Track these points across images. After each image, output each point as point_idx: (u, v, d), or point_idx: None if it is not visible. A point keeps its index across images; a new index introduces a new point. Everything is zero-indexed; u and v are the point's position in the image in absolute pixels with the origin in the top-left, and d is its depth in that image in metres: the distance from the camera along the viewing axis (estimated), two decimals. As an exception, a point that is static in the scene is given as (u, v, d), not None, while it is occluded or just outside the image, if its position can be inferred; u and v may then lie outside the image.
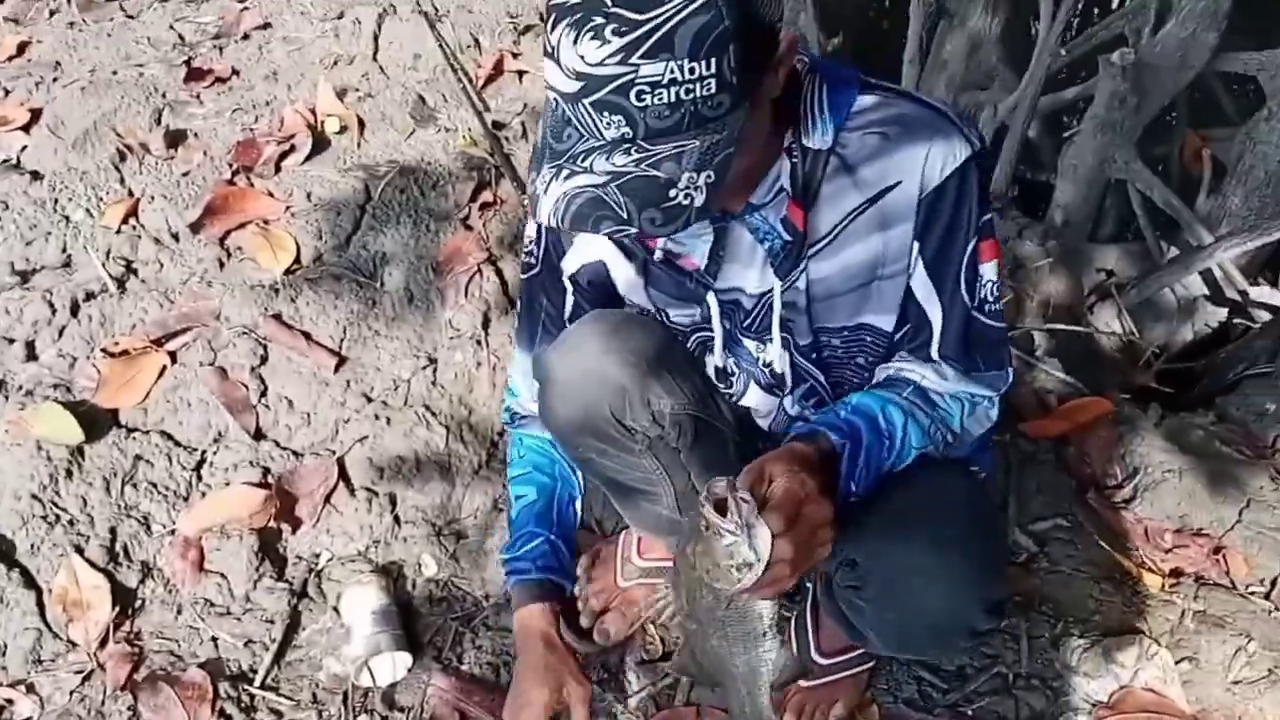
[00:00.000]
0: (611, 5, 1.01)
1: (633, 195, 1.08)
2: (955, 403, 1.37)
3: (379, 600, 1.89)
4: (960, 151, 1.24)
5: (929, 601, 1.31)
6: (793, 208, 1.29)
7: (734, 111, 1.08)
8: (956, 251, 1.30)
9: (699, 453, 1.56)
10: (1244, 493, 2.08)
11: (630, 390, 1.42)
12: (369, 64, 2.91)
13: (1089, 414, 2.23)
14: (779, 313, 1.38)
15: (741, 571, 1.07)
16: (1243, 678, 1.79)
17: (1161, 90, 2.68)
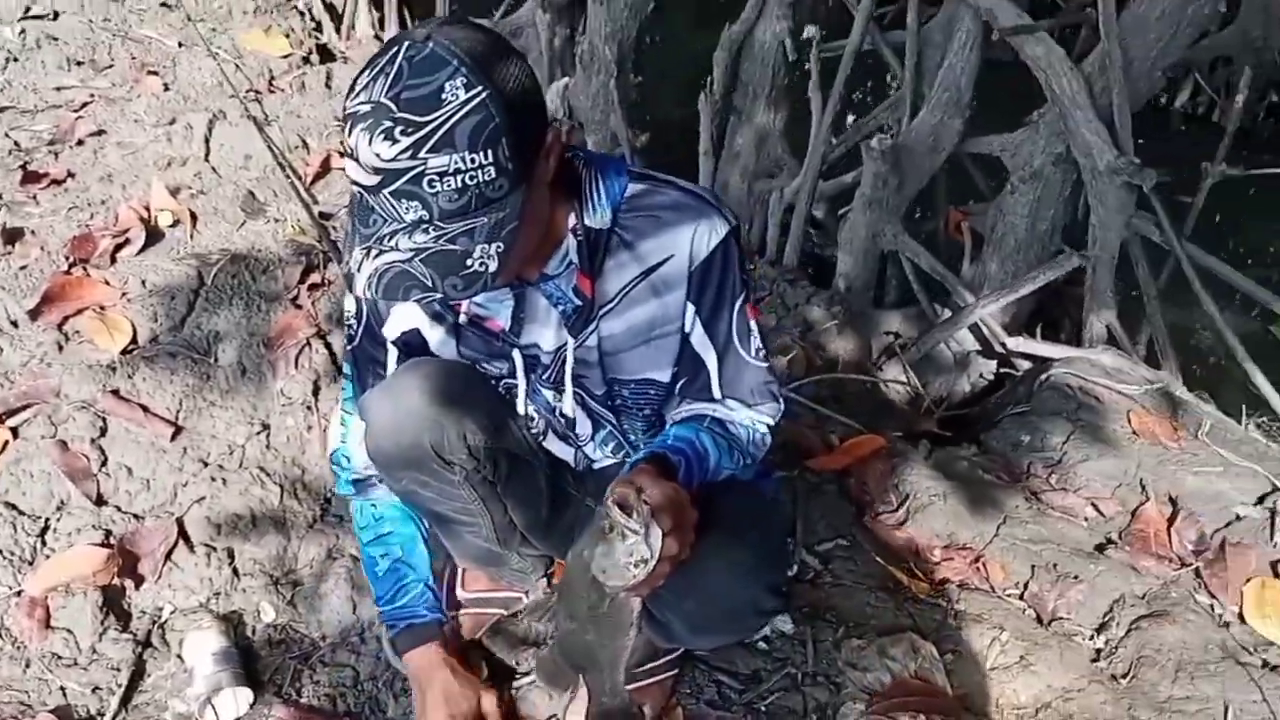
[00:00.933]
0: (398, 111, 1.19)
1: (434, 267, 1.25)
2: (743, 430, 1.58)
3: (219, 643, 1.96)
4: (720, 229, 1.48)
5: (720, 585, 1.51)
6: (581, 278, 1.50)
7: (514, 192, 1.28)
8: (726, 311, 1.52)
9: (514, 486, 1.73)
10: (1001, 511, 2.33)
11: (447, 426, 1.57)
12: (201, 164, 3.04)
13: (866, 449, 2.47)
14: (570, 366, 1.58)
15: (638, 568, 1.22)
16: (998, 664, 2.00)
17: (919, 171, 3.03)
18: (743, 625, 1.68)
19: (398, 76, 1.20)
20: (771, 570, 1.58)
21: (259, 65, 3.78)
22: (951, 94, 2.94)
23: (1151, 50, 2.57)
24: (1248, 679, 1.94)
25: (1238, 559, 2.18)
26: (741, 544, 1.51)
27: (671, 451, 1.44)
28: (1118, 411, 2.56)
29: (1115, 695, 1.94)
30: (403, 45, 1.23)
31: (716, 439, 1.53)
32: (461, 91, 1.20)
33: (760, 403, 1.59)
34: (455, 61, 1.20)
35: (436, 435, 1.57)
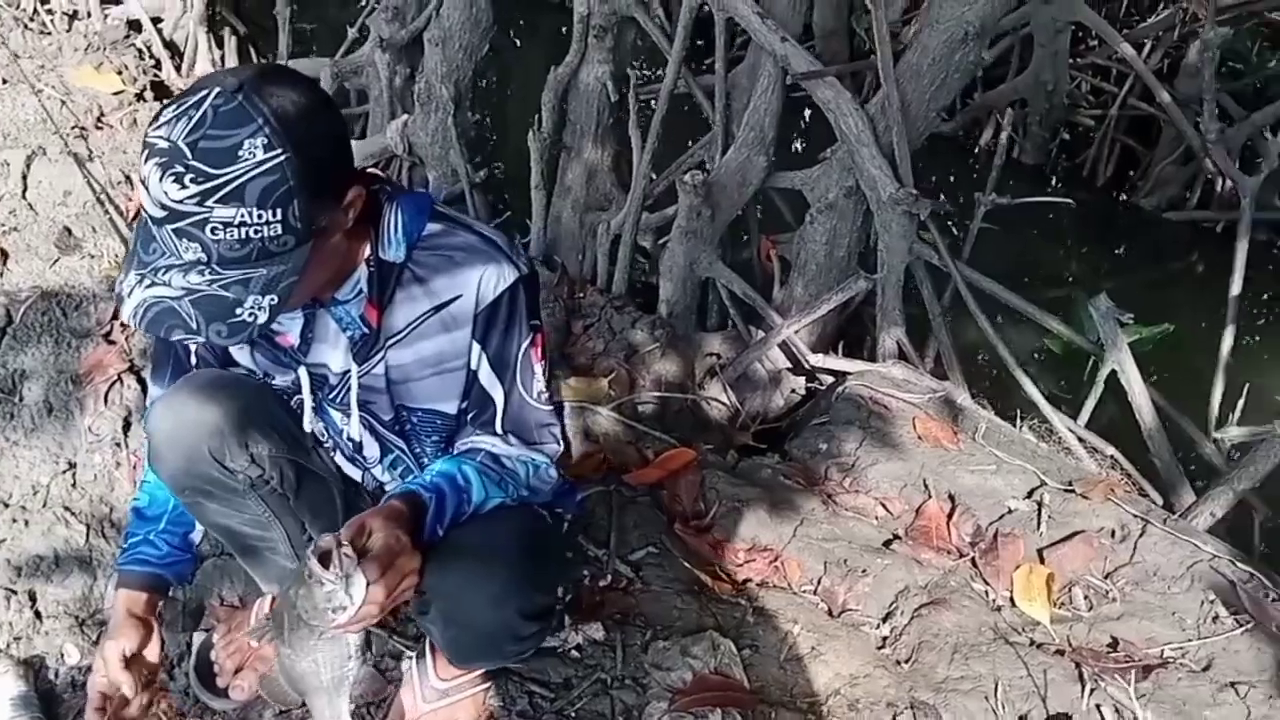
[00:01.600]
0: (191, 158, 1.20)
1: (202, 310, 1.27)
2: (521, 465, 1.64)
3: (18, 688, 1.92)
4: (509, 275, 1.53)
5: (475, 615, 1.56)
6: (369, 307, 1.53)
7: (298, 249, 1.30)
8: (512, 353, 1.58)
9: (306, 500, 1.75)
10: (799, 514, 2.46)
11: (228, 433, 1.58)
12: (17, 201, 2.97)
13: (678, 462, 2.57)
14: (355, 392, 1.62)
15: (336, 613, 1.26)
16: (792, 656, 2.11)
17: (730, 203, 3.17)
18: (503, 651, 1.71)
19: (200, 123, 1.21)
20: (532, 597, 1.61)
21: (87, 103, 3.71)
22: (756, 133, 3.09)
23: (925, 94, 2.77)
24: (1016, 657, 2.10)
25: (1008, 548, 2.35)
26: (499, 573, 1.54)
27: (425, 489, 1.48)
28: (905, 419, 2.72)
29: (898, 679, 2.07)
30: (213, 91, 1.23)
31: (485, 472, 1.58)
32: (260, 151, 1.21)
33: (541, 442, 1.66)
34: (260, 120, 1.21)
35: (216, 442, 1.58)
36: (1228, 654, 2.12)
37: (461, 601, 1.54)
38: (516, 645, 1.66)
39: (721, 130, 3.24)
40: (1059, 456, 2.76)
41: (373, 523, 1.33)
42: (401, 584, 1.33)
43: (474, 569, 1.52)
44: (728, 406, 3.19)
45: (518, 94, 6.00)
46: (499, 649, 1.67)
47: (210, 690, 1.93)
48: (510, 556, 1.57)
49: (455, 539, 1.53)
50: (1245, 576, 2.28)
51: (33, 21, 4.49)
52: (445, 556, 1.53)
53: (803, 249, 3.16)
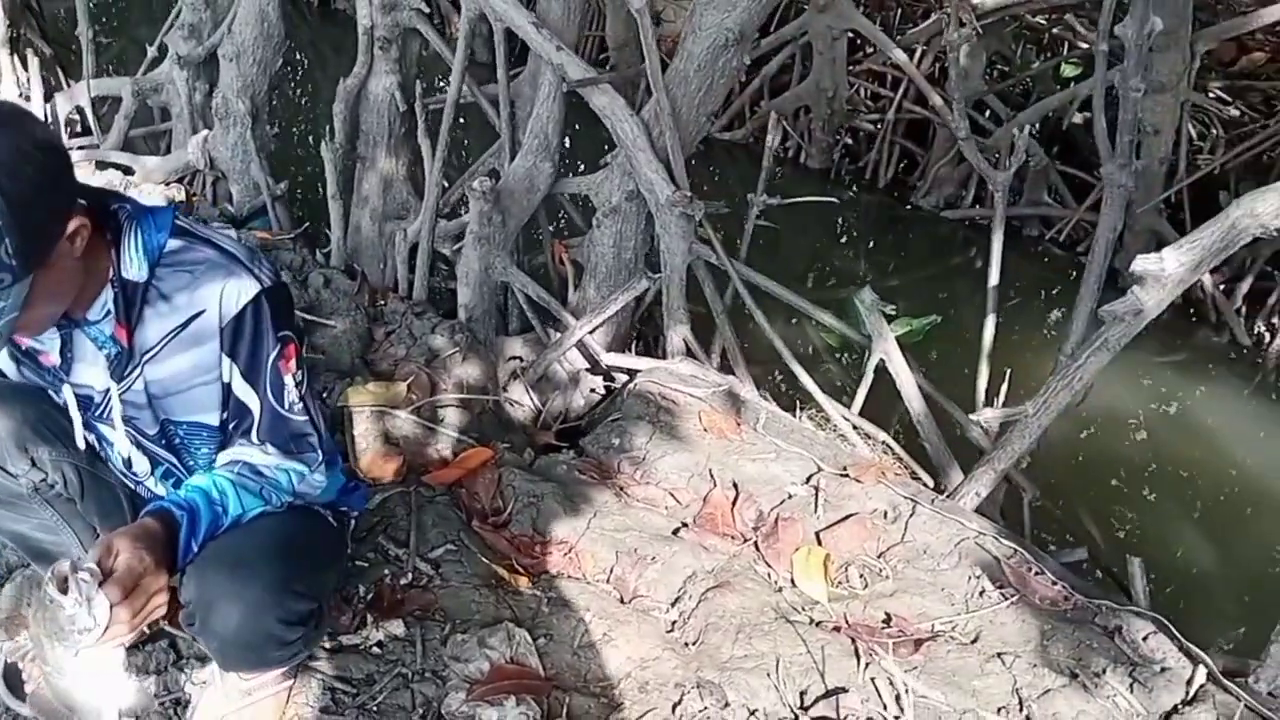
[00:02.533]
0: None
1: None
2: (283, 474, 1.67)
3: None
4: (250, 288, 1.56)
5: (233, 625, 1.58)
6: (118, 327, 1.55)
7: (17, 284, 1.32)
8: (261, 364, 1.60)
9: (94, 503, 1.76)
10: (593, 507, 2.55)
11: (4, 439, 1.60)
12: None
13: (475, 460, 2.64)
14: (118, 408, 1.63)
15: (82, 635, 1.29)
16: (584, 643, 2.19)
17: (520, 209, 3.25)
18: (267, 657, 1.73)
19: None
20: (290, 603, 1.64)
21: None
22: (541, 140, 3.18)
23: (694, 99, 2.92)
24: (796, 635, 2.23)
25: (788, 532, 2.50)
26: (253, 583, 1.57)
27: (179, 506, 1.51)
28: (691, 412, 2.86)
29: (685, 660, 2.18)
30: None
31: (244, 483, 1.61)
32: None
33: (300, 451, 1.69)
34: None
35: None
36: (994, 626, 2.28)
37: (219, 612, 1.56)
38: (281, 651, 1.70)
39: (508, 138, 3.32)
40: (835, 443, 2.95)
41: (119, 543, 1.37)
42: (149, 604, 1.37)
43: (229, 579, 1.55)
44: (530, 407, 3.27)
45: (315, 107, 5.94)
46: (263, 656, 1.71)
47: (18, 697, 1.90)
48: (266, 564, 1.60)
49: (214, 550, 1.56)
50: (1009, 552, 2.46)
51: None
52: (203, 568, 1.56)
53: (592, 252, 3.28)
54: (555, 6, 3.12)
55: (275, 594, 1.60)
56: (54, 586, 1.27)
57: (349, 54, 3.46)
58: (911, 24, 6.28)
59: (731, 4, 2.79)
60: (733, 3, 2.79)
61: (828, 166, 5.97)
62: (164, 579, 1.40)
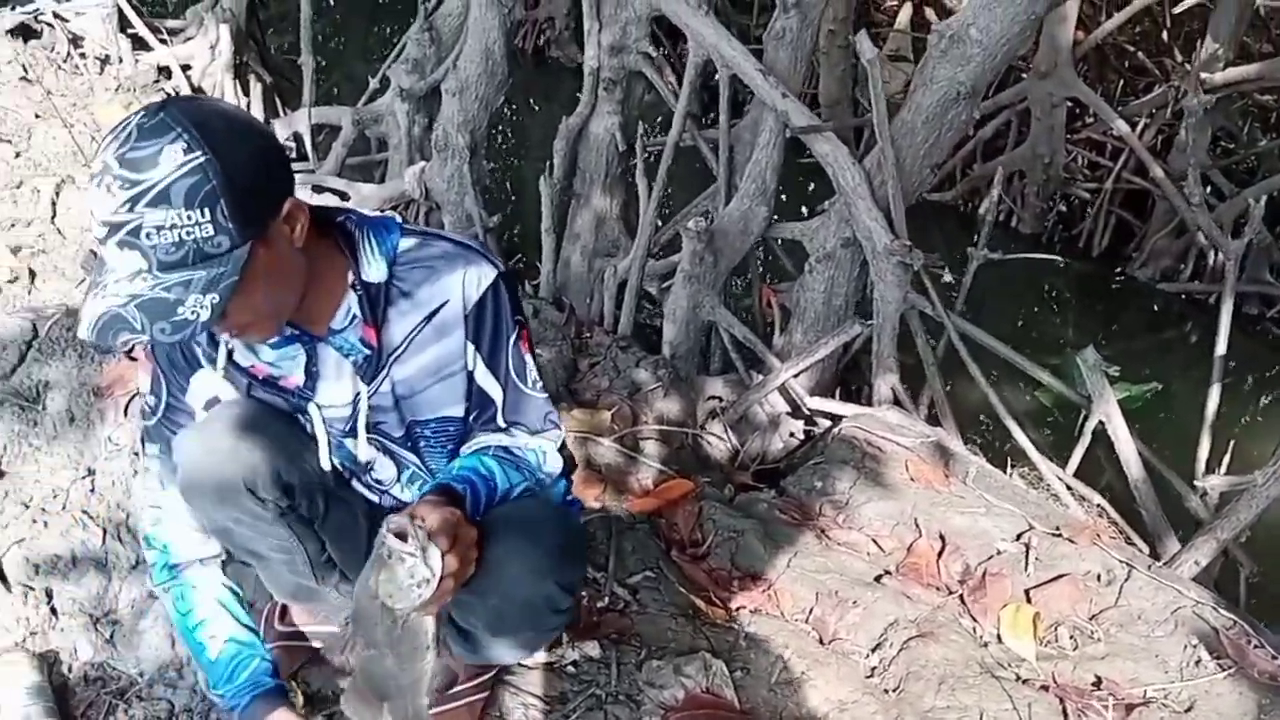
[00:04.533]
0: (118, 169, 1.27)
1: (146, 311, 1.30)
2: (530, 453, 1.70)
3: (31, 677, 1.94)
4: (488, 274, 1.59)
5: (519, 582, 1.60)
6: (366, 329, 1.59)
7: (234, 250, 1.34)
8: (502, 347, 1.64)
9: (332, 523, 1.78)
10: (793, 546, 2.50)
11: (259, 464, 1.61)
12: (46, 226, 3.06)
13: (676, 492, 2.62)
14: (365, 412, 1.66)
15: (421, 587, 1.30)
16: (782, 680, 2.14)
17: (732, 251, 3.26)
18: (540, 622, 1.74)
19: (125, 139, 1.28)
20: (566, 570, 1.67)
21: (115, 139, 3.80)
22: (758, 185, 3.20)
23: (919, 150, 2.88)
24: (1001, 690, 2.13)
25: (996, 587, 2.39)
26: (538, 546, 1.60)
27: (456, 481, 1.54)
28: (897, 461, 2.77)
29: (885, 706, 2.09)
30: (137, 114, 1.31)
31: (502, 462, 1.64)
32: (180, 154, 1.27)
33: (544, 429, 1.72)
34: (179, 129, 1.28)
35: (250, 473, 1.60)
36: (1209, 697, 2.14)
37: (506, 571, 1.57)
38: (554, 619, 1.71)
39: (725, 181, 3.35)
40: (1047, 503, 2.81)
41: (422, 509, 1.38)
42: (469, 554, 1.40)
43: (518, 541, 1.57)
44: (728, 447, 3.25)
45: (529, 146, 6.16)
46: (539, 620, 1.70)
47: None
48: (550, 531, 1.64)
49: (495, 516, 1.59)
50: (1228, 623, 2.31)
51: (65, 63, 4.63)
52: (489, 531, 1.56)
53: (802, 297, 3.25)
54: (782, 56, 3.14)
55: (558, 558, 1.63)
56: (394, 539, 1.29)
57: (558, 100, 3.59)
58: (1133, 95, 6.07)
59: (965, 59, 2.74)
60: (967, 58, 2.74)
61: (1039, 232, 5.77)
62: (475, 531, 1.42)
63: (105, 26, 4.81)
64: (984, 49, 2.72)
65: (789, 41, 3.13)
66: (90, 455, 2.38)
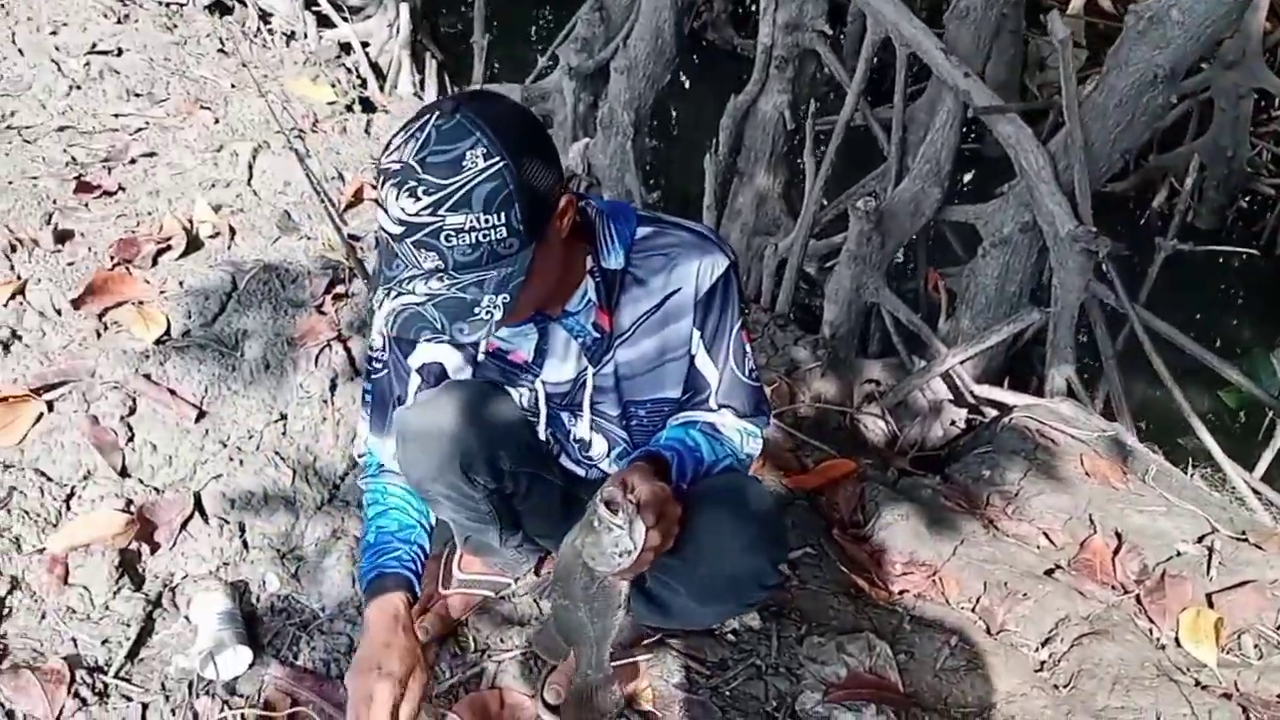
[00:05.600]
0: (422, 172, 1.29)
1: (445, 311, 1.36)
2: (735, 433, 1.70)
3: (224, 604, 2.03)
4: (721, 264, 1.60)
5: (730, 556, 1.60)
6: (600, 313, 1.61)
7: (523, 250, 1.37)
8: (725, 335, 1.64)
9: (531, 502, 1.83)
10: (960, 534, 2.43)
11: (476, 449, 1.66)
12: (243, 187, 3.20)
13: (839, 472, 2.58)
14: (589, 391, 1.69)
15: (622, 557, 1.34)
16: (947, 667, 2.08)
17: (900, 232, 3.19)
18: (744, 595, 1.74)
19: (425, 142, 1.30)
20: (775, 547, 1.67)
21: (304, 109, 3.97)
22: (932, 166, 3.11)
23: (1109, 134, 2.75)
24: (1179, 695, 2.02)
25: (1176, 589, 2.27)
26: (750, 520, 1.60)
27: (665, 449, 1.56)
28: (1071, 454, 2.66)
29: (1055, 701, 2.02)
30: (433, 114, 1.32)
31: (708, 437, 1.65)
32: (480, 160, 1.29)
33: (752, 415, 1.72)
34: (478, 133, 1.30)
35: (467, 458, 1.66)
36: None
37: (720, 542, 1.58)
38: (758, 593, 1.70)
39: (896, 161, 3.27)
40: (1232, 506, 2.66)
41: (633, 478, 1.40)
42: (671, 531, 1.41)
43: (732, 514, 1.58)
44: (885, 432, 3.18)
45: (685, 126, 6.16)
46: (744, 592, 1.70)
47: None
48: (761, 508, 1.64)
49: (708, 488, 1.60)
50: None
51: (256, 37, 4.84)
52: (701, 502, 1.58)
53: (972, 282, 3.15)
54: (965, 34, 3.04)
55: (768, 534, 1.63)
56: (605, 509, 1.33)
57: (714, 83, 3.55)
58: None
59: (1165, 41, 2.60)
60: (1166, 39, 2.60)
61: (1217, 228, 5.46)
62: (679, 509, 1.43)
63: (292, 4, 5.01)
64: (1185, 31, 2.58)
65: (972, 21, 3.03)
66: (283, 401, 2.48)
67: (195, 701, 1.91)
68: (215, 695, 1.93)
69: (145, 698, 1.92)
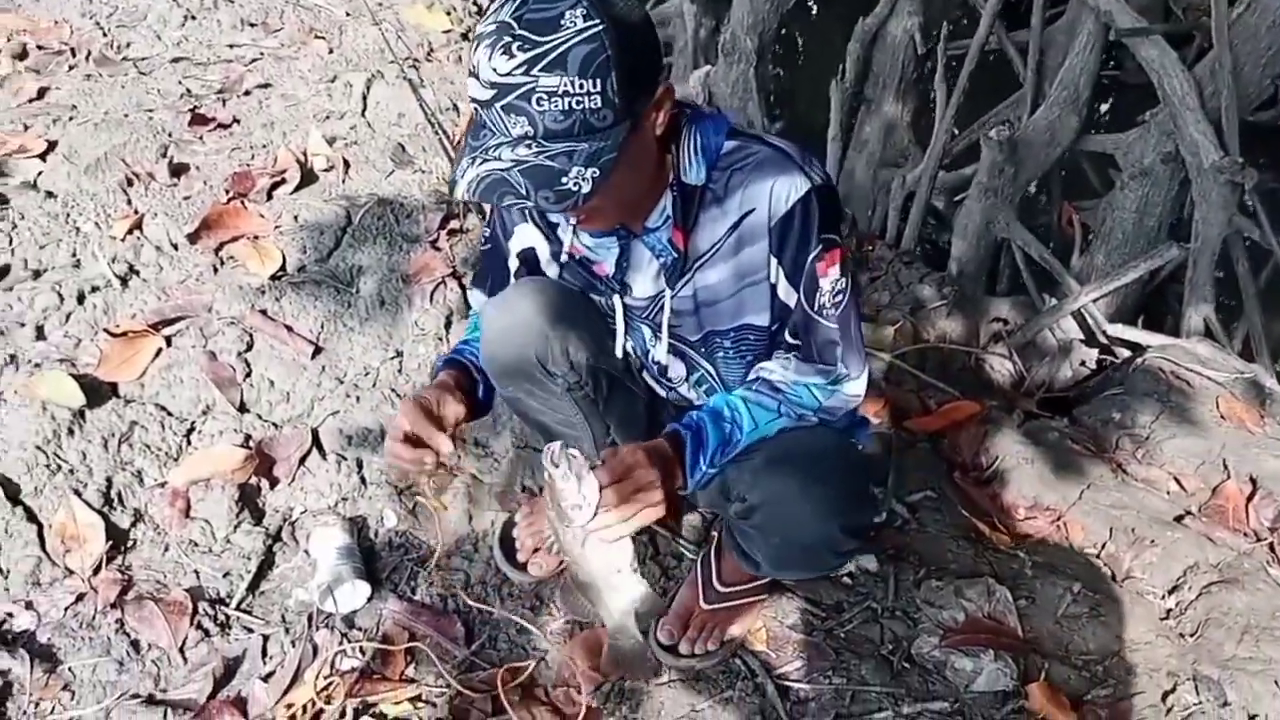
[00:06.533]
0: (518, 29, 1.32)
1: (530, 178, 1.37)
2: (802, 388, 1.70)
3: (343, 539, 2.18)
4: (801, 186, 1.54)
5: (801, 526, 1.68)
6: (676, 232, 1.64)
7: (616, 126, 1.39)
8: (800, 265, 1.59)
9: (615, 408, 1.93)
10: (1086, 478, 2.48)
11: (552, 339, 1.75)
12: (357, 119, 3.35)
13: (962, 414, 2.65)
14: (668, 314, 1.74)
15: (573, 511, 1.45)
16: (1069, 613, 2.15)
17: (1035, 163, 3.19)
18: (820, 563, 1.83)
19: (524, 1, 1.32)
20: (851, 514, 1.72)
21: (419, 37, 4.09)
22: (1070, 92, 3.10)
23: (1261, 58, 2.70)
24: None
25: (1315, 539, 2.31)
26: (826, 487, 1.66)
27: (684, 427, 1.63)
28: (1207, 397, 2.68)
29: (1180, 651, 2.08)
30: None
31: (759, 400, 1.68)
32: (580, 20, 1.30)
33: (825, 361, 1.67)
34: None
35: (542, 347, 1.75)
36: None
37: (789, 511, 1.66)
38: (834, 560, 1.80)
39: (1032, 88, 3.26)
40: (1378, 456, 2.65)
41: (622, 449, 1.51)
42: (638, 495, 1.49)
43: (803, 480, 1.64)
44: (1011, 372, 3.23)
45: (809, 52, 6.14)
46: (817, 561, 1.80)
47: (511, 564, 2.20)
48: (836, 471, 1.68)
49: (783, 450, 1.65)
50: None
51: (367, -39, 4.96)
52: (773, 467, 1.65)
53: (1109, 216, 3.15)
54: (1106, -51, 3.01)
55: (846, 501, 1.69)
56: (548, 459, 1.44)
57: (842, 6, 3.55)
58: None
59: (1327, -49, 2.55)
60: (1329, -51, 2.55)
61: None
62: (655, 475, 1.50)
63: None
64: (1347, -57, 2.52)
65: (1115, -65, 3.00)
66: (398, 338, 2.64)
67: (314, 634, 2.06)
68: (334, 628, 2.08)
69: (265, 629, 2.08)
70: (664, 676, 2.04)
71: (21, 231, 2.78)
